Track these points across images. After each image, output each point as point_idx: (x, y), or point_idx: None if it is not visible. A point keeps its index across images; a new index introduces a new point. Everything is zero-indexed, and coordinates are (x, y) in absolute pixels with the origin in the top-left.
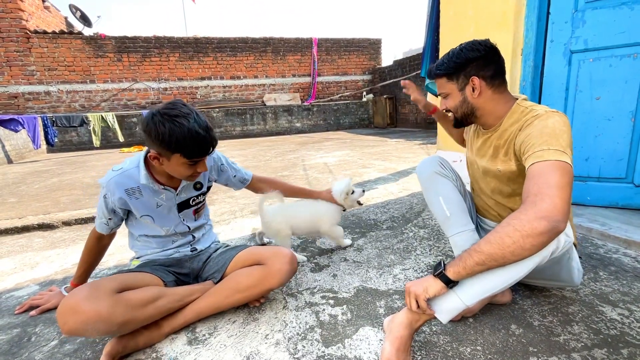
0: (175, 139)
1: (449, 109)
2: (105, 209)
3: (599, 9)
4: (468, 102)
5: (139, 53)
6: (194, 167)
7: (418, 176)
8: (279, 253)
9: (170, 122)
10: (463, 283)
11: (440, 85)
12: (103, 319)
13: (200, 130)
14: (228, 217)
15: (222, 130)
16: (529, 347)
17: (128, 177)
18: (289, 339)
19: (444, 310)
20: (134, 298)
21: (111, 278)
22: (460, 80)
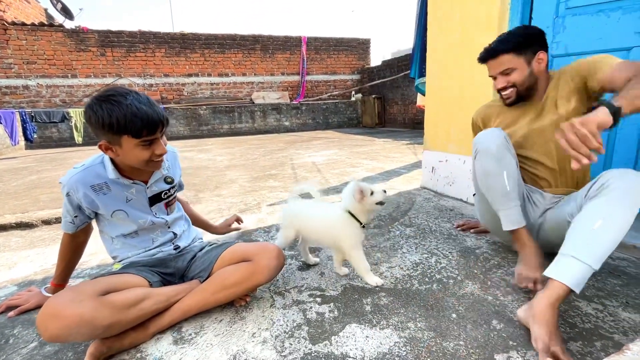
0: (116, 118)
1: (514, 83)
2: (70, 207)
3: (579, 15)
4: (534, 74)
5: (123, 48)
6: (149, 148)
7: (481, 144)
8: (265, 248)
9: (107, 102)
10: (581, 248)
11: (503, 62)
12: (86, 323)
13: (142, 105)
14: (215, 215)
15: (210, 128)
16: (509, 341)
17: (92, 174)
18: (276, 337)
19: (575, 280)
20: (118, 300)
21: (94, 281)
22: (528, 54)
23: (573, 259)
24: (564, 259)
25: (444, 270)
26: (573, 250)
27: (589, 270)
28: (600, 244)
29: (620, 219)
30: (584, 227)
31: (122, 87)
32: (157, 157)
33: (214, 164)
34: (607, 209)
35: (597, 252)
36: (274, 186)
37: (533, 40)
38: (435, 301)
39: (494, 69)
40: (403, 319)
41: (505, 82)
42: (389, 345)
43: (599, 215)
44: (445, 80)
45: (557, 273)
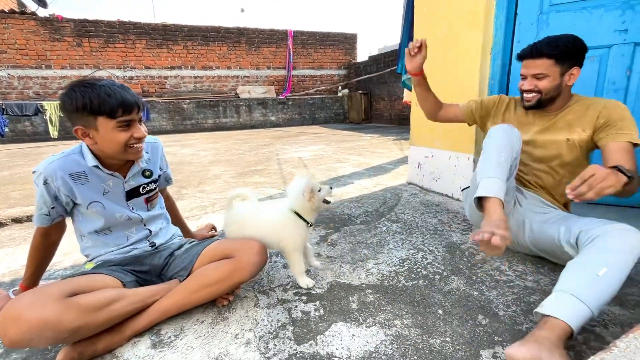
0: (89, 98)
1: (540, 89)
2: (47, 196)
3: (562, 12)
4: (561, 87)
5: (102, 38)
6: (127, 130)
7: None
8: (247, 245)
9: (81, 86)
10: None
11: (540, 65)
12: (50, 327)
13: (116, 87)
14: (198, 212)
15: (194, 123)
16: (495, 336)
17: (72, 161)
18: (260, 337)
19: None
20: (86, 302)
21: (60, 282)
22: (565, 66)
23: (580, 304)
24: (570, 300)
25: (430, 265)
26: (581, 295)
27: (590, 316)
28: (605, 293)
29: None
30: (590, 272)
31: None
32: (136, 141)
33: (198, 159)
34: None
35: (601, 300)
36: (260, 182)
37: (576, 53)
38: (422, 297)
39: (528, 69)
40: (390, 316)
41: (533, 85)
42: (376, 344)
43: (604, 263)
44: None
45: (567, 315)
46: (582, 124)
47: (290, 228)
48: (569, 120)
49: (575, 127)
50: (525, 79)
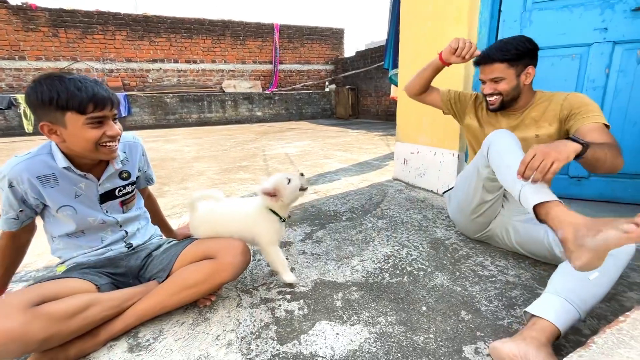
0: (57, 92)
1: (500, 91)
2: (13, 200)
3: (544, 10)
4: (519, 87)
5: (79, 29)
6: (99, 128)
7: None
8: (230, 245)
9: (48, 79)
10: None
11: (495, 70)
12: (16, 339)
13: (87, 81)
14: (180, 210)
15: (177, 117)
16: (477, 331)
17: (40, 163)
18: (242, 338)
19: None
20: (56, 310)
21: (27, 290)
22: (519, 67)
23: (569, 306)
24: (559, 301)
25: (414, 262)
26: (571, 297)
27: (578, 319)
28: (595, 296)
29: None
30: (581, 276)
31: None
32: (109, 140)
33: (181, 155)
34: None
35: (590, 304)
36: (245, 178)
37: (528, 54)
38: (406, 294)
39: (485, 74)
40: (374, 314)
41: (492, 89)
42: (360, 342)
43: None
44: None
45: (555, 317)
46: (547, 119)
47: (263, 223)
48: (534, 116)
49: (541, 122)
50: (484, 83)
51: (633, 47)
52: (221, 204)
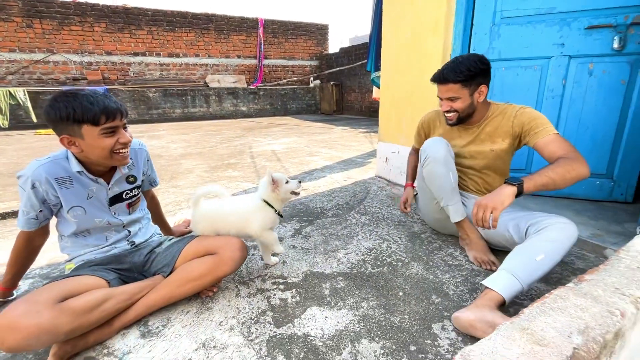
0: (73, 108)
1: (455, 109)
2: (35, 200)
3: (511, 25)
4: (473, 105)
5: (55, 20)
6: (112, 137)
7: (431, 152)
8: (229, 242)
9: (63, 96)
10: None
11: (451, 89)
12: (46, 332)
13: (98, 96)
14: (173, 208)
15: (160, 112)
16: (445, 312)
17: (57, 166)
18: (243, 323)
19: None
20: (78, 305)
21: (48, 287)
22: (472, 86)
23: (515, 280)
24: (507, 276)
25: (393, 254)
26: (518, 273)
27: (521, 290)
28: (537, 273)
29: (556, 259)
30: (529, 257)
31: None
32: (122, 147)
33: (168, 152)
34: (550, 248)
35: (532, 278)
36: (234, 176)
37: (480, 74)
38: (386, 282)
39: (441, 93)
40: (357, 300)
41: (449, 107)
42: (345, 323)
43: (542, 251)
44: (398, 77)
45: (501, 288)
46: (500, 135)
47: (259, 212)
48: (489, 132)
49: (495, 138)
50: (442, 100)
51: (586, 61)
52: (221, 202)
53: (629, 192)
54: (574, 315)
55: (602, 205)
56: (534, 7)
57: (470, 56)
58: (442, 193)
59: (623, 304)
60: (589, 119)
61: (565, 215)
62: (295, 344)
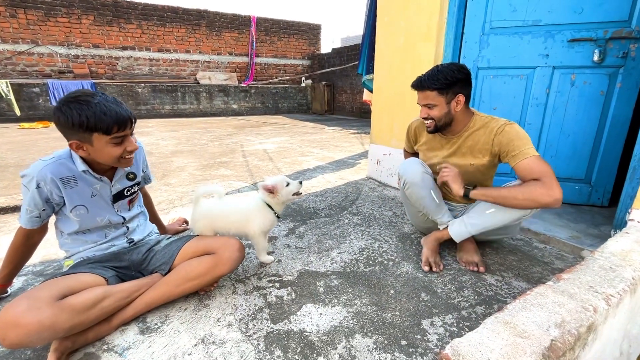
0: (86, 117)
1: (432, 117)
2: (38, 199)
3: (499, 34)
4: (451, 113)
5: (41, 10)
6: (121, 145)
7: (408, 177)
8: (228, 242)
9: (76, 102)
10: (473, 222)
11: (428, 97)
12: (47, 329)
13: (110, 104)
14: (166, 206)
15: (149, 108)
16: (433, 309)
17: (62, 166)
18: (240, 320)
19: (456, 234)
20: (77, 303)
21: (48, 285)
22: (449, 95)
23: (464, 227)
24: (459, 223)
25: (385, 253)
26: (468, 221)
27: (469, 234)
28: (484, 223)
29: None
30: (481, 209)
31: (88, 89)
32: (129, 154)
33: (158, 149)
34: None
35: (479, 227)
36: (226, 175)
37: (458, 82)
38: (377, 280)
39: (419, 100)
40: (351, 297)
41: (426, 114)
42: (339, 320)
43: (494, 206)
44: (390, 81)
45: (451, 229)
46: (481, 151)
47: (259, 213)
48: (470, 146)
49: (476, 153)
50: (421, 106)
51: (568, 72)
52: (222, 200)
53: (605, 197)
54: (552, 310)
55: (581, 209)
56: (520, 19)
57: (449, 65)
58: (429, 211)
59: (596, 301)
60: (570, 127)
61: (547, 217)
62: (292, 339)
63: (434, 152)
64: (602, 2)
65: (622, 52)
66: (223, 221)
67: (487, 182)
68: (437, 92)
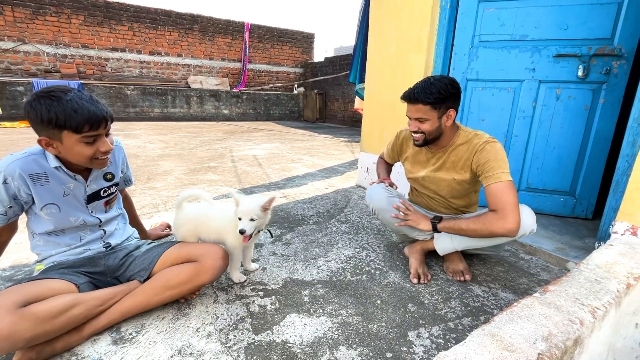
0: (55, 113)
1: (423, 131)
2: (5, 196)
3: (488, 48)
4: (441, 128)
5: (29, 9)
6: (93, 145)
7: (375, 204)
8: (212, 249)
9: (47, 98)
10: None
11: (420, 110)
12: (5, 338)
13: (83, 102)
14: (150, 210)
15: (138, 111)
16: (420, 320)
17: (33, 162)
18: (220, 330)
19: (441, 249)
20: (42, 311)
21: (11, 291)
22: (442, 109)
23: (450, 243)
24: (445, 238)
25: (372, 262)
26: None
27: (454, 249)
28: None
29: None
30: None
31: (64, 85)
32: (102, 155)
33: (145, 152)
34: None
35: (464, 245)
36: (214, 180)
37: (450, 97)
38: (364, 290)
39: (410, 112)
40: (336, 307)
41: (416, 127)
42: (324, 331)
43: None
44: (381, 90)
45: (437, 244)
46: (462, 167)
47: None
48: (453, 161)
49: (458, 169)
50: (410, 119)
51: (553, 86)
52: (206, 206)
53: (589, 210)
54: (539, 323)
55: (566, 221)
56: (508, 33)
57: (442, 78)
58: (406, 230)
59: (582, 313)
60: (556, 140)
61: None
62: (273, 351)
63: (420, 166)
64: (586, 20)
65: (605, 68)
66: (206, 226)
67: (473, 195)
68: (430, 107)
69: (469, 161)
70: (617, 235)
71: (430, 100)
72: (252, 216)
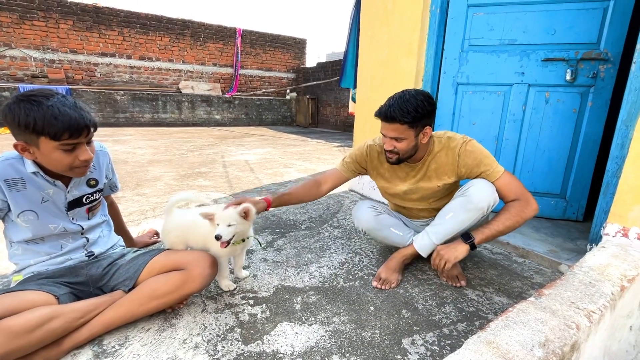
0: (34, 118)
1: (398, 151)
2: None
3: (478, 52)
4: (417, 145)
5: (15, 13)
6: (72, 153)
7: (363, 225)
8: (200, 257)
9: (27, 102)
10: (435, 230)
11: (397, 130)
12: None
13: (66, 108)
14: (137, 217)
15: (128, 116)
16: (414, 326)
17: (9, 167)
18: (209, 341)
19: (421, 247)
20: (16, 325)
21: None
22: (419, 128)
23: (428, 238)
24: (422, 236)
25: (365, 268)
26: (431, 230)
27: (434, 245)
28: (447, 229)
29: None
30: (440, 216)
31: (49, 89)
32: (82, 163)
33: (134, 158)
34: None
35: (441, 234)
36: (205, 185)
37: (426, 115)
38: (357, 296)
39: (385, 130)
40: (329, 315)
41: (392, 146)
42: (316, 339)
43: (452, 210)
44: (373, 93)
45: (416, 244)
46: (446, 172)
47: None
48: (435, 169)
49: (441, 175)
50: (385, 137)
51: (542, 90)
52: (195, 212)
53: (580, 212)
54: (535, 328)
55: (557, 223)
56: (497, 38)
57: (417, 95)
58: (397, 244)
59: (578, 318)
60: (545, 143)
61: (526, 231)
62: None
63: (399, 180)
64: (573, 25)
65: (592, 72)
66: (195, 232)
67: (453, 192)
68: (407, 126)
69: (453, 166)
70: (609, 237)
71: (407, 120)
72: (229, 222)
